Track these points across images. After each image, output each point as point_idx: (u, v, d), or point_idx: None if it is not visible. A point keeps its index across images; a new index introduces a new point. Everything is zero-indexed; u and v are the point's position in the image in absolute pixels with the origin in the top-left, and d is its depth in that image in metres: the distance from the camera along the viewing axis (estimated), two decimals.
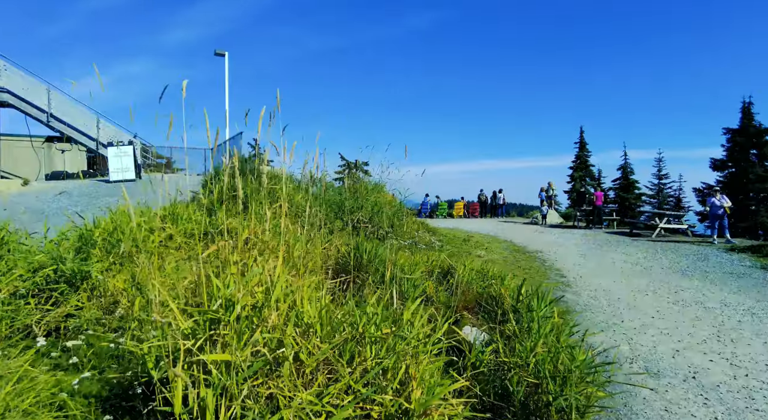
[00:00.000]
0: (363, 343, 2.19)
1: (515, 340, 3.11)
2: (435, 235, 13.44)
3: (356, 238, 6.20)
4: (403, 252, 7.61)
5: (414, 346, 2.27)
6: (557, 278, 8.35)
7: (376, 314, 2.52)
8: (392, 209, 9.98)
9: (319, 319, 2.17)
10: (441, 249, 10.33)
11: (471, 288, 5.57)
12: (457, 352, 3.94)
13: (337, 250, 5.20)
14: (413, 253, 8.68)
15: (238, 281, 2.14)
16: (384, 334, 2.21)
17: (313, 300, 2.44)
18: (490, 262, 9.38)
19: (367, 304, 2.73)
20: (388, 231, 8.95)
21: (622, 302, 6.67)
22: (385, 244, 8.28)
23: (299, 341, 2.04)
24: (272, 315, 2.07)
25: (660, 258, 10.94)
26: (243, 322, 2.03)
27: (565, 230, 18.27)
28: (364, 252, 4.85)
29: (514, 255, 10.85)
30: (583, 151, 33.75)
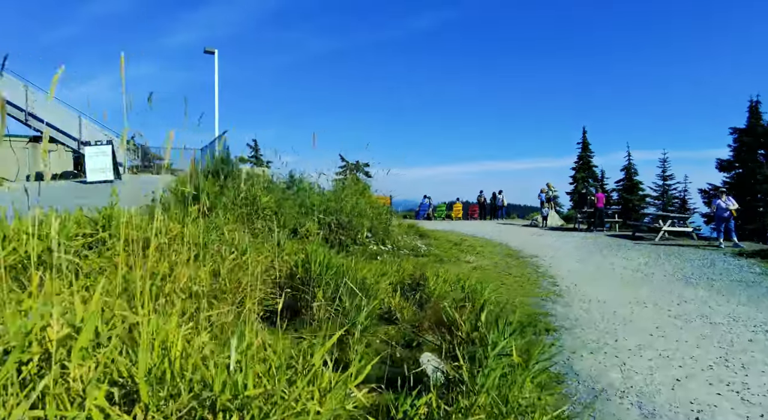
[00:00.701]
0: (216, 410, 1.52)
1: (462, 387, 2.43)
2: (425, 238, 12.75)
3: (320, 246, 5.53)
4: (373, 261, 6.93)
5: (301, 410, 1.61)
6: (549, 287, 7.63)
7: (263, 359, 1.86)
8: (374, 211, 9.30)
9: (148, 376, 1.49)
10: (427, 254, 9.64)
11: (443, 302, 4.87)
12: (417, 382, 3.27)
13: (289, 261, 4.52)
14: (392, 259, 8.00)
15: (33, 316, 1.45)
16: (251, 396, 1.54)
17: (176, 341, 1.78)
18: (479, 269, 8.68)
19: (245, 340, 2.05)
20: (368, 236, 8.28)
21: (618, 316, 5.93)
22: (353, 252, 7.61)
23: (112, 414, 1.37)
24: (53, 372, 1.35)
25: (662, 264, 10.17)
26: None
27: (565, 233, 17.50)
28: (315, 263, 4.18)
29: (507, 260, 10.13)
30: (586, 151, 32.88)
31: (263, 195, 7.02)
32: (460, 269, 8.60)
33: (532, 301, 6.56)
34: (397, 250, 8.88)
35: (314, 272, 4.09)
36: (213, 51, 17.52)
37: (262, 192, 7.32)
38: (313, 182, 11.39)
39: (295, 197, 8.98)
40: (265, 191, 7.69)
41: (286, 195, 9.17)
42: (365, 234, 8.12)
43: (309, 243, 6.79)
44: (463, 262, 9.28)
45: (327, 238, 7.73)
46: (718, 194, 13.54)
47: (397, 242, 9.27)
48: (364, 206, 8.58)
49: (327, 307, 4.23)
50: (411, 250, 9.41)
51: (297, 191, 9.64)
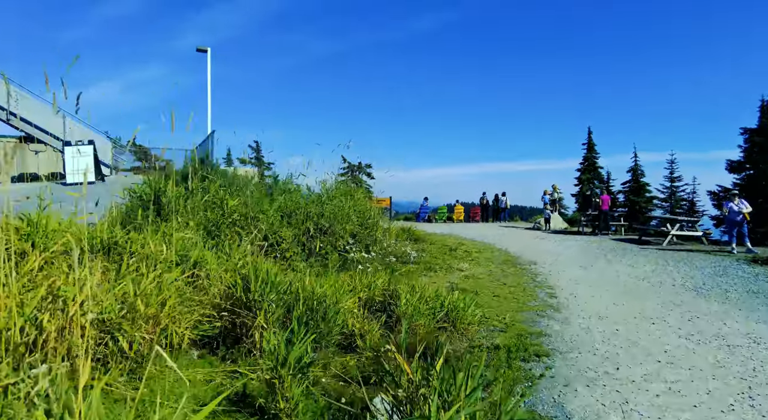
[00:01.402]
0: None
1: None
2: (420, 242, 12.05)
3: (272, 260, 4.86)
4: (350, 271, 6.26)
5: None
6: (546, 299, 6.90)
7: None
8: (361, 215, 8.62)
9: None
10: (417, 261, 8.94)
11: (417, 323, 4.18)
12: None
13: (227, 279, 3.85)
14: (375, 269, 7.32)
15: None
16: None
17: None
18: (471, 279, 7.98)
19: None
20: (350, 242, 7.60)
21: (621, 336, 5.20)
22: (332, 260, 6.93)
23: None
24: None
25: (671, 271, 9.39)
26: None
27: (569, 237, 16.71)
28: (257, 281, 3.50)
29: (503, 268, 9.40)
30: (591, 152, 31.95)
31: (230, 198, 6.36)
32: (451, 278, 7.90)
33: (525, 317, 5.84)
34: (383, 257, 8.19)
35: (254, 293, 3.42)
36: (205, 49, 16.97)
37: (232, 195, 6.68)
38: (302, 184, 10.77)
39: (279, 200, 8.34)
40: (239, 193, 7.04)
41: (270, 197, 8.54)
42: (347, 240, 7.45)
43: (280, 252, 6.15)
44: (456, 271, 8.57)
45: (304, 245, 7.07)
46: (730, 197, 12.70)
47: (384, 249, 8.58)
48: (347, 209, 7.90)
49: (274, 333, 3.56)
50: (399, 257, 8.72)
51: (281, 194, 8.99)
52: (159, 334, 3.16)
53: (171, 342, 3.39)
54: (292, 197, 8.21)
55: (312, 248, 6.99)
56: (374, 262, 7.70)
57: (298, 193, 8.94)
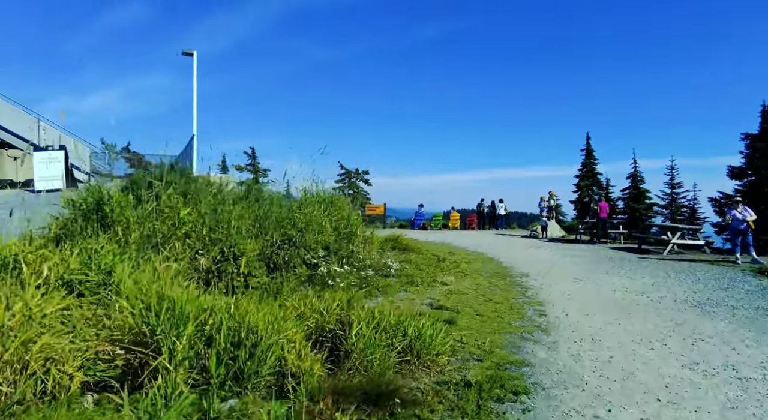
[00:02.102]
0: None
1: None
2: (408, 252, 11.37)
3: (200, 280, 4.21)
4: (301, 292, 5.58)
5: None
6: (534, 318, 6.20)
7: None
8: (340, 224, 7.95)
9: None
10: (398, 274, 8.26)
11: (371, 358, 3.50)
12: None
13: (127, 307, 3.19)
14: (348, 284, 6.64)
15: None
16: None
17: None
18: (455, 294, 7.28)
19: None
20: (322, 254, 6.93)
21: (616, 366, 4.50)
22: (299, 275, 6.27)
23: None
24: None
25: (672, 284, 8.69)
26: None
27: (566, 245, 16.00)
28: (162, 310, 2.83)
29: (492, 281, 8.69)
30: (590, 158, 31.27)
31: (183, 207, 5.71)
32: (432, 294, 7.21)
33: (507, 341, 5.14)
34: (360, 270, 7.52)
35: (155, 326, 2.75)
36: (191, 53, 16.44)
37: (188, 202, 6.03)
38: (281, 191, 10.13)
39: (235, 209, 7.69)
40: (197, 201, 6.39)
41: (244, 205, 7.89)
42: (319, 253, 6.78)
43: (236, 267, 5.48)
44: (439, 285, 7.87)
45: (268, 259, 6.40)
46: (734, 204, 12.00)
47: (362, 261, 7.91)
48: (320, 218, 7.22)
49: (187, 372, 2.89)
50: (379, 269, 8.04)
51: (255, 202, 8.34)
52: (26, 379, 2.49)
53: (59, 385, 2.73)
54: (260, 206, 7.55)
55: (278, 262, 6.33)
56: (349, 276, 7.03)
57: (277, 200, 8.28)
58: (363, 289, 6.86)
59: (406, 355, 3.73)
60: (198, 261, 5.67)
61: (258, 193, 8.63)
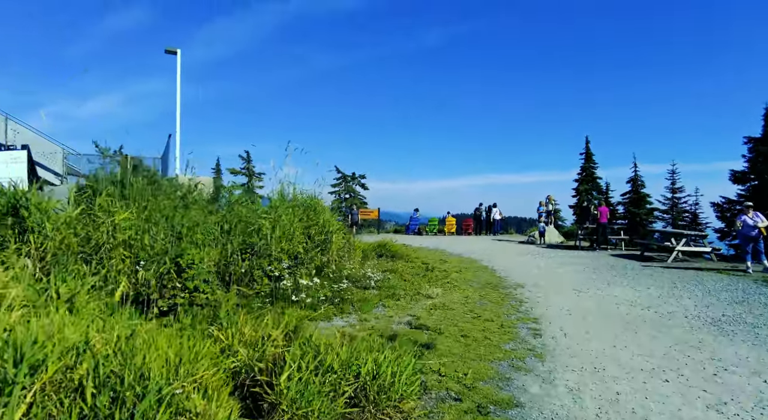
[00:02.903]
0: None
1: None
2: (396, 260, 10.53)
3: None
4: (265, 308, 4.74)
5: None
6: (527, 340, 5.34)
7: None
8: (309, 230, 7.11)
9: None
10: (379, 286, 7.41)
11: (307, 410, 2.65)
12: None
13: None
14: (316, 299, 5.82)
15: None
16: None
17: None
18: (440, 309, 6.43)
19: None
20: (288, 265, 6.09)
21: (624, 406, 3.64)
22: (260, 289, 5.44)
23: None
24: None
25: (681, 297, 7.83)
26: None
27: (564, 252, 15.14)
28: None
29: (483, 292, 7.84)
30: (589, 162, 30.41)
31: (121, 212, 4.87)
32: (414, 310, 6.36)
33: (495, 372, 4.28)
34: (335, 282, 6.67)
35: None
36: (175, 51, 15.68)
37: (130, 205, 5.20)
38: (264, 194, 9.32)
39: (222, 214, 6.86)
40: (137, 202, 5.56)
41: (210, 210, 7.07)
42: (283, 263, 5.93)
43: (180, 282, 4.65)
44: (424, 298, 7.02)
45: (223, 272, 5.56)
46: (744, 209, 11.17)
47: (338, 272, 7.06)
48: (288, 224, 6.37)
49: None
50: (357, 281, 7.19)
51: (227, 207, 7.52)
52: None
53: None
54: (228, 210, 6.72)
55: (241, 275, 5.49)
56: (320, 290, 6.18)
57: (251, 205, 7.44)
58: (335, 305, 6.02)
59: (359, 401, 2.88)
60: (138, 274, 4.84)
61: (231, 196, 7.80)
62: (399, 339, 4.80)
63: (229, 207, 7.29)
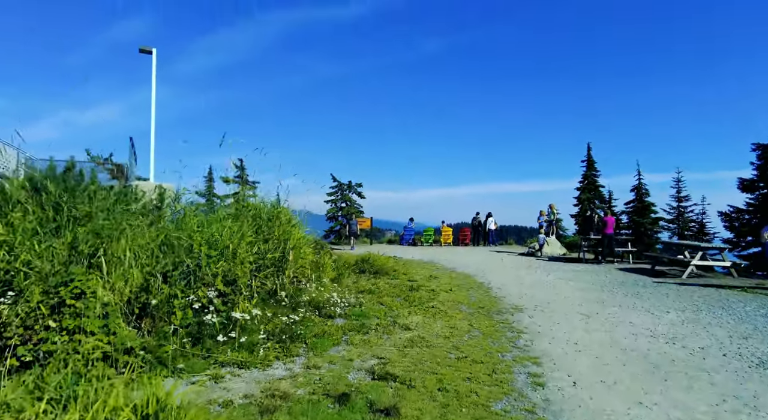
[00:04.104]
0: None
1: None
2: (378, 277, 9.20)
3: None
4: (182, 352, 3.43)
5: None
6: (527, 393, 4.00)
7: None
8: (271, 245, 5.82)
9: None
10: (346, 314, 6.07)
11: None
12: None
13: None
14: (248, 344, 4.51)
15: None
16: None
17: None
18: (416, 346, 5.11)
19: None
20: (226, 292, 4.77)
21: None
22: (167, 328, 4.14)
23: None
24: None
25: (709, 324, 6.49)
26: None
27: (568, 265, 13.76)
28: None
29: (473, 321, 6.49)
30: (591, 170, 29.09)
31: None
32: (384, 348, 5.02)
33: None
34: (293, 310, 5.35)
35: None
36: (150, 50, 14.55)
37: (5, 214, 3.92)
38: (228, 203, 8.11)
39: (160, 228, 5.58)
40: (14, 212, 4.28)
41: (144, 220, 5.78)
42: (212, 292, 4.61)
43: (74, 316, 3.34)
44: (400, 329, 5.68)
45: (133, 301, 4.25)
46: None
47: (297, 296, 5.74)
48: (225, 238, 5.07)
49: None
50: (321, 308, 5.87)
51: (175, 218, 6.24)
52: None
53: None
54: (162, 224, 5.43)
55: (147, 305, 4.19)
56: (267, 322, 4.86)
57: (195, 216, 6.15)
58: (282, 344, 4.69)
59: None
60: None
61: (173, 206, 6.52)
62: (351, 400, 3.48)
63: (177, 219, 6.01)
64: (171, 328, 4.04)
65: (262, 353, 4.29)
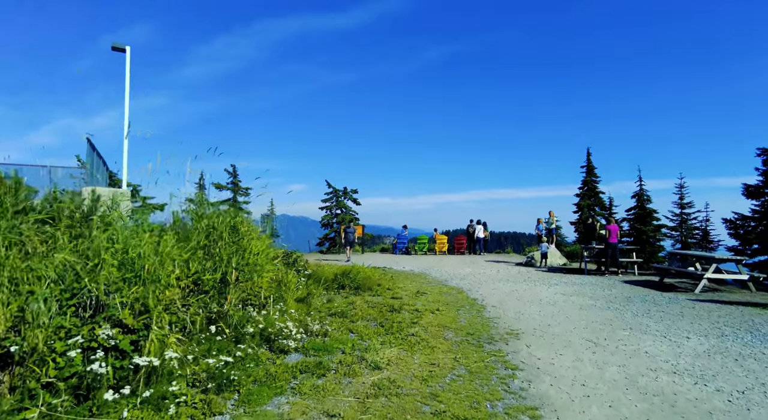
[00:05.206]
0: None
1: None
2: (359, 293, 8.10)
3: None
4: None
5: None
6: None
7: None
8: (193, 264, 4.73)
9: None
10: (304, 348, 4.96)
11: None
12: None
13: None
14: (155, 402, 3.39)
15: None
16: None
17: None
18: (380, 397, 4.00)
19: None
20: (139, 327, 3.68)
21: None
22: None
23: None
24: None
25: (741, 356, 5.38)
26: None
27: (569, 277, 12.65)
28: None
29: (459, 353, 5.38)
30: (591, 175, 28.00)
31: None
32: (340, 399, 3.89)
33: None
34: (233, 345, 4.25)
35: None
36: (124, 49, 13.56)
37: None
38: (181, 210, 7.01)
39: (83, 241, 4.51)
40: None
41: None
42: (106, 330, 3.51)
43: None
44: (366, 369, 4.57)
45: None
46: None
47: (241, 326, 4.64)
48: (147, 256, 3.98)
49: None
50: (272, 339, 4.76)
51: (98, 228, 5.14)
52: None
53: None
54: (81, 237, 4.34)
55: (9, 352, 3.10)
56: (191, 365, 3.76)
57: (119, 227, 5.05)
58: (206, 395, 3.59)
59: None
60: None
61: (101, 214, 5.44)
62: None
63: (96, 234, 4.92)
64: (40, 384, 2.95)
65: (173, 411, 3.19)
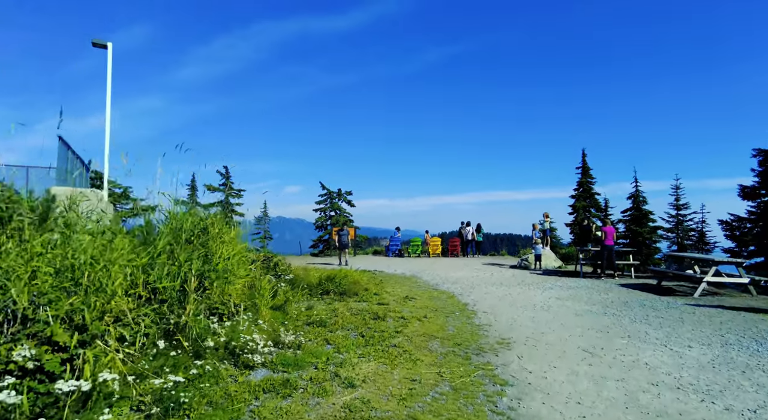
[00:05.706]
0: None
1: None
2: (343, 299, 7.65)
3: None
4: None
5: None
6: None
7: None
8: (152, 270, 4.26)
9: None
10: (273, 363, 4.49)
11: None
12: None
13: None
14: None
15: None
16: None
17: None
18: (357, 414, 3.53)
19: None
20: (72, 345, 3.21)
21: None
22: None
23: None
24: None
25: (749, 367, 4.96)
26: None
27: (564, 280, 12.22)
28: None
29: (443, 367, 4.92)
30: (586, 177, 27.62)
31: None
32: None
33: None
34: (196, 358, 3.79)
35: None
36: (105, 45, 13.09)
37: None
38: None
39: None
40: None
41: None
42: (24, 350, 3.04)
43: None
44: (339, 388, 4.11)
45: None
46: None
47: (200, 339, 4.17)
48: (88, 259, 3.48)
49: None
50: (236, 354, 4.29)
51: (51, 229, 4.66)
52: None
53: None
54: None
55: None
56: (133, 387, 3.29)
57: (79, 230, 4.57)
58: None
59: None
60: None
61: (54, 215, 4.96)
62: None
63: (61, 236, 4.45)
64: None
65: None
